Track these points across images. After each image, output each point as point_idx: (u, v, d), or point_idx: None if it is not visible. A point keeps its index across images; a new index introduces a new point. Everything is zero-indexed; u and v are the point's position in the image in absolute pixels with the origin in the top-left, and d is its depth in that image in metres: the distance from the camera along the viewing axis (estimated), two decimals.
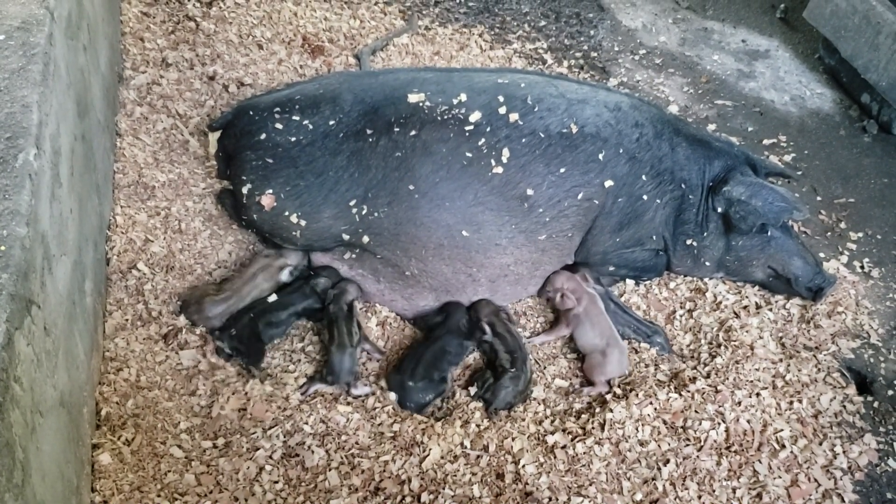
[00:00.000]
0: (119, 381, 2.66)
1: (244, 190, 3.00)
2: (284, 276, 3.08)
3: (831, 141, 4.39)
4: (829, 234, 3.81)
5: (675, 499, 2.64)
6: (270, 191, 2.97)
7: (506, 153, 2.96)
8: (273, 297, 2.99)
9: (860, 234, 3.81)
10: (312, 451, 2.60)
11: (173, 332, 2.86)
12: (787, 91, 4.72)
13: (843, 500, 2.71)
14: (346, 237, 3.03)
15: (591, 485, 2.63)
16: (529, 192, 3.00)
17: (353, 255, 3.12)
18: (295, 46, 4.15)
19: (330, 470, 2.57)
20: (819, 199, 4.00)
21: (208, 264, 3.14)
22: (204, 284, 3.05)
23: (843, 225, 3.85)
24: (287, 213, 2.98)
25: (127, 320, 2.86)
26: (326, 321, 2.96)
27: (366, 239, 3.02)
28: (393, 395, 2.85)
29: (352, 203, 2.97)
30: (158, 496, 2.40)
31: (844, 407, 3.02)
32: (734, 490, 2.69)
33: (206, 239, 3.20)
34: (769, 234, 3.30)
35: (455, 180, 2.95)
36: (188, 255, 3.13)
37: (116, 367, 2.70)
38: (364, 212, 2.97)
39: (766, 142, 4.31)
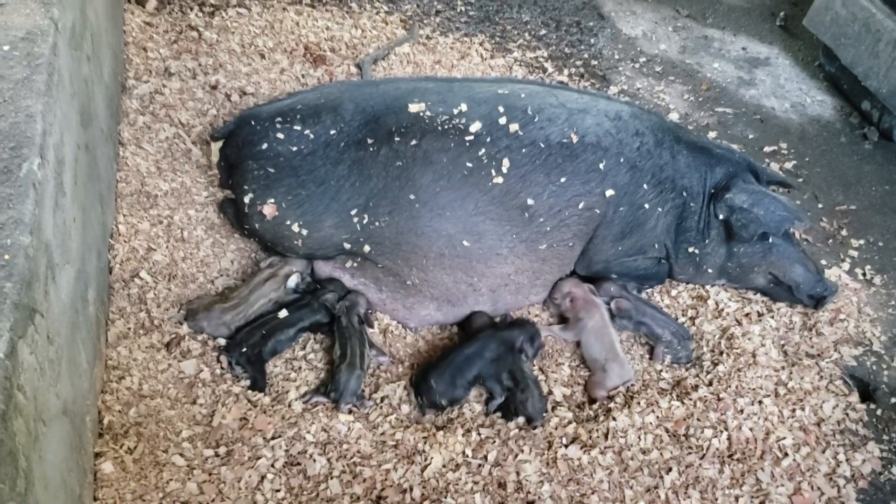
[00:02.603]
0: (121, 390, 2.66)
1: (246, 199, 3.01)
2: (291, 282, 3.08)
3: (832, 148, 4.40)
4: (830, 241, 3.81)
5: None
6: (272, 200, 2.98)
7: (506, 163, 2.97)
8: (284, 313, 2.98)
9: (862, 242, 3.81)
10: (314, 460, 2.59)
11: (176, 340, 2.87)
12: (787, 98, 4.73)
13: None
14: (347, 246, 3.04)
15: (593, 493, 2.63)
16: (530, 201, 3.01)
17: (355, 264, 3.12)
18: (297, 56, 4.17)
19: (332, 478, 2.56)
20: (820, 206, 4.00)
21: (210, 273, 3.15)
22: (209, 294, 3.06)
23: (844, 232, 3.85)
24: (288, 223, 2.99)
25: (129, 329, 2.86)
26: (338, 336, 2.94)
27: (367, 248, 3.03)
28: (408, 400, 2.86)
29: (353, 212, 2.98)
30: None
31: (847, 415, 3.01)
32: (737, 498, 2.68)
33: (208, 247, 3.21)
34: (770, 241, 3.30)
35: (455, 190, 2.96)
36: (190, 264, 3.13)
37: (119, 375, 2.70)
38: (365, 221, 2.98)
39: (766, 149, 4.32)
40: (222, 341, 2.92)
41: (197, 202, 3.33)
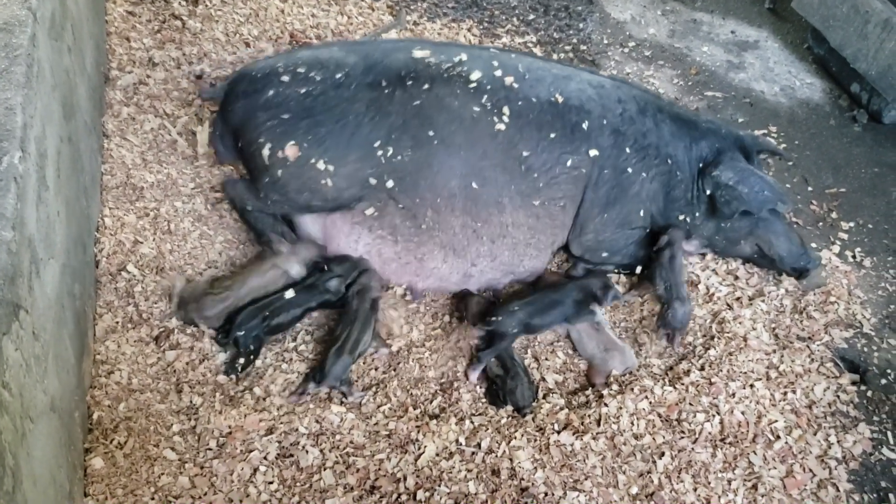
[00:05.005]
0: (110, 385, 2.65)
1: (265, 151, 2.97)
2: (294, 272, 3.03)
3: (821, 131, 4.39)
4: (820, 224, 3.81)
5: (670, 491, 2.64)
6: (293, 142, 2.95)
7: (506, 111, 3.06)
8: (290, 293, 2.96)
9: (851, 224, 3.81)
10: (307, 451, 2.59)
11: (165, 333, 2.85)
12: (776, 81, 4.72)
13: (837, 490, 2.72)
14: (372, 181, 3.03)
15: (586, 479, 2.63)
16: (525, 153, 3.09)
17: (375, 212, 3.10)
18: (283, 44, 4.12)
19: (325, 469, 2.56)
20: (810, 189, 4.00)
21: (198, 265, 3.12)
22: (201, 282, 3.01)
23: (834, 215, 3.85)
24: (313, 161, 2.97)
25: (117, 323, 2.84)
26: (344, 320, 2.93)
27: (390, 183, 3.03)
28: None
29: (376, 144, 2.99)
30: (152, 499, 2.39)
31: (838, 397, 3.02)
32: (729, 482, 2.69)
33: (195, 239, 3.18)
34: (755, 216, 3.33)
35: (468, 132, 3.04)
36: (178, 256, 3.11)
37: (107, 370, 2.69)
38: (389, 153, 2.99)
39: (756, 132, 4.31)
40: (212, 332, 2.91)
41: (183, 194, 3.30)
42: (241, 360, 2.83)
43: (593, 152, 3.17)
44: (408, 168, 3.02)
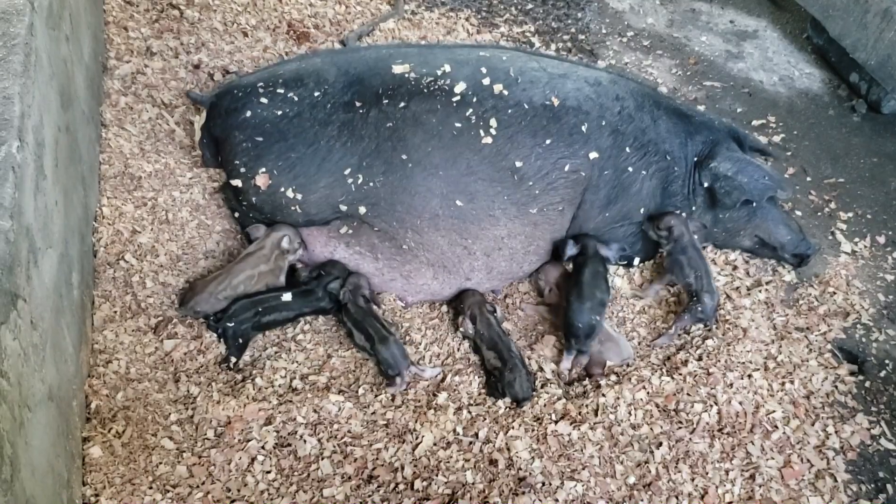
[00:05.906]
0: (108, 374, 2.65)
1: (239, 175, 2.98)
2: (285, 243, 3.02)
3: (820, 121, 4.38)
4: (819, 214, 3.80)
5: (668, 481, 2.64)
6: (263, 170, 2.95)
7: (493, 123, 2.99)
8: (287, 297, 2.95)
9: (850, 214, 3.80)
10: (305, 441, 2.59)
11: (163, 322, 2.85)
12: (775, 71, 4.71)
13: (835, 480, 2.72)
14: (343, 208, 3.01)
15: (584, 469, 2.63)
16: (518, 163, 3.03)
17: (350, 230, 3.08)
18: (280, 33, 4.11)
19: (322, 459, 2.56)
20: (809, 179, 4.00)
21: (196, 254, 3.12)
22: (202, 278, 3.01)
23: (833, 205, 3.85)
24: (283, 189, 2.96)
25: (115, 312, 2.84)
26: (353, 325, 2.92)
27: (363, 209, 3.01)
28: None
29: (346, 172, 2.96)
30: (150, 488, 2.40)
31: (836, 387, 3.02)
32: (727, 472, 2.70)
33: (193, 229, 3.17)
34: (754, 205, 3.34)
35: (447, 150, 2.97)
36: (176, 246, 3.10)
37: (105, 359, 2.69)
38: (360, 181, 2.96)
39: (755, 122, 4.30)
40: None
41: (181, 183, 3.29)
42: (232, 353, 2.83)
43: (593, 155, 3.12)
44: (381, 194, 2.98)
